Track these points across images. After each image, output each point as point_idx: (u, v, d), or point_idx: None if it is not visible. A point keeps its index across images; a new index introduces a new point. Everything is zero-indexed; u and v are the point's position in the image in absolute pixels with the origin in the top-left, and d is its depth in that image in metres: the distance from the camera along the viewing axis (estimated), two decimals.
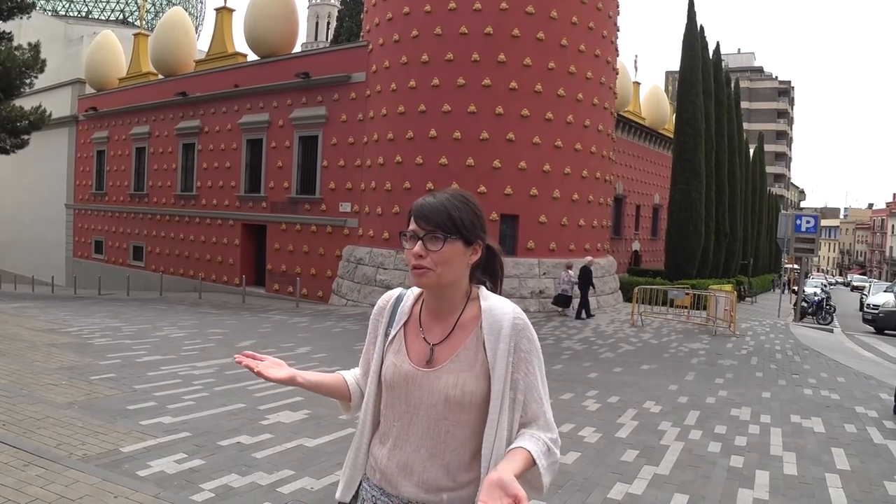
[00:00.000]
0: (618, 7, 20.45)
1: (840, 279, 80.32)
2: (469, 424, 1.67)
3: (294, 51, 24.10)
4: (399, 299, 1.85)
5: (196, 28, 43.08)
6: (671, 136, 30.98)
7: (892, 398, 7.97)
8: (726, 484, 5.00)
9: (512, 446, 1.62)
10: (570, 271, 16.87)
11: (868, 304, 26.17)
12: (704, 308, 17.44)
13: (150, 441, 5.23)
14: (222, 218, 24.25)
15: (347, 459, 1.86)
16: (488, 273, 1.80)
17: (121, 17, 42.86)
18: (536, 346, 1.70)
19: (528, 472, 1.61)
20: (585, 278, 16.57)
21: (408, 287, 1.88)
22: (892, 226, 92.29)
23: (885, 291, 26.43)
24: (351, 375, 1.94)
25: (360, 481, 1.82)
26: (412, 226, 1.68)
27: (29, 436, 5.15)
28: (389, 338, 1.80)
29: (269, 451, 5.19)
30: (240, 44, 25.48)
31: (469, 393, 1.65)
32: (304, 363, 9.08)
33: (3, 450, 4.76)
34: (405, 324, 1.80)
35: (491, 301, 1.72)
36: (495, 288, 1.80)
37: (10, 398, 6.23)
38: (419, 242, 1.65)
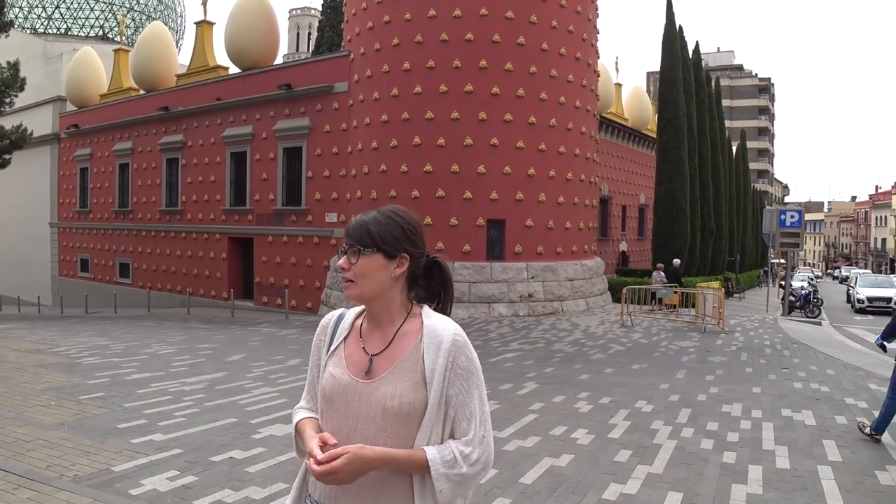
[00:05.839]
0: (597, 10, 20.60)
1: (820, 273, 78.51)
2: (408, 438, 1.65)
3: (275, 62, 24.09)
4: (340, 317, 1.88)
5: (176, 42, 42.98)
6: (654, 136, 31.21)
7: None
8: (720, 480, 5.03)
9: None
10: (661, 272, 19.03)
11: (861, 298, 26.30)
12: (693, 306, 17.54)
13: (142, 459, 5.19)
14: (208, 232, 24.14)
15: (299, 473, 1.85)
16: (433, 291, 1.82)
17: (100, 33, 42.57)
18: (476, 364, 1.71)
19: (427, 477, 1.62)
20: (675, 278, 18.81)
21: (350, 307, 1.92)
22: (876, 217, 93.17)
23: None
24: (308, 412, 1.86)
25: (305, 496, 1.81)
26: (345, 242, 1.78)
27: (19, 458, 5.10)
28: (330, 351, 1.82)
29: (262, 464, 5.17)
30: (221, 57, 25.44)
31: (407, 404, 1.65)
32: (294, 375, 9.05)
33: None
34: (346, 337, 1.82)
35: (433, 318, 1.75)
36: (444, 309, 1.82)
37: None
38: (344, 256, 1.74)
